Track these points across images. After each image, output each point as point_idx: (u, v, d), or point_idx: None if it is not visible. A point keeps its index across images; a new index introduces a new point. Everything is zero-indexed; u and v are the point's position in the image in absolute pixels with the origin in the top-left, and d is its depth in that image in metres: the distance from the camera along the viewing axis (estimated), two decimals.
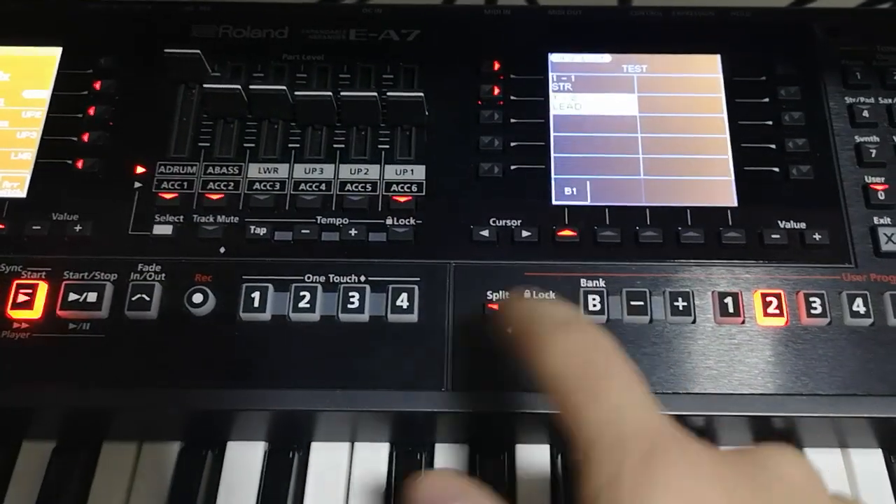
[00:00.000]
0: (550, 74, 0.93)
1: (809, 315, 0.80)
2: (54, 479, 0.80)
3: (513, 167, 0.88)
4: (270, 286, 0.81)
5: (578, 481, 0.51)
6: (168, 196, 0.85)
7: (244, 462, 0.82)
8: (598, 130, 0.90)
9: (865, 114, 0.89)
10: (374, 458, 0.82)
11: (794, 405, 0.78)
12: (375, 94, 0.87)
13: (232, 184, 0.86)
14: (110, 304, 0.81)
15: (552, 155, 0.89)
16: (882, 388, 0.78)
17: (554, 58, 0.94)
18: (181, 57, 0.89)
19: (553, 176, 0.87)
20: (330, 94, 0.87)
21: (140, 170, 0.87)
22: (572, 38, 0.95)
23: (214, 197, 0.85)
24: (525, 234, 0.84)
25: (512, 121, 0.90)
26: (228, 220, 0.85)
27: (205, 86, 0.88)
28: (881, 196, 0.85)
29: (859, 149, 0.88)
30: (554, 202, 0.86)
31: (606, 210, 0.86)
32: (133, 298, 0.80)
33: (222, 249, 0.83)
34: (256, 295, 0.80)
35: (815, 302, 0.80)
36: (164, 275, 0.82)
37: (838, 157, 0.88)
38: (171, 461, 0.82)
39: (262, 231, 0.84)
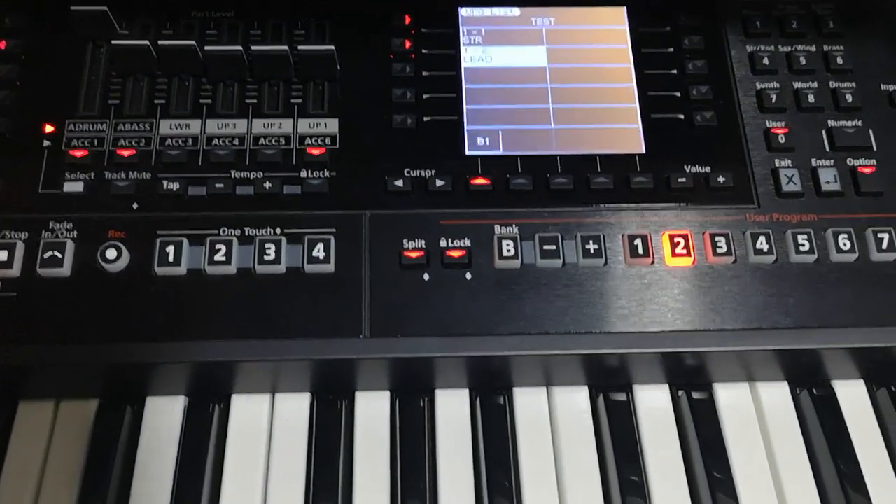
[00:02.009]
0: (461, 28, 0.94)
1: (715, 254, 0.82)
2: None
3: (425, 119, 0.89)
4: (185, 240, 0.81)
5: None
6: (78, 154, 0.84)
7: (164, 417, 0.81)
8: (508, 82, 0.92)
9: (766, 61, 0.92)
10: (296, 408, 0.82)
11: (703, 341, 0.80)
12: (286, 47, 0.87)
13: (143, 140, 0.86)
14: (22, 262, 0.80)
15: (464, 106, 0.90)
16: (786, 321, 0.81)
17: (464, 12, 0.95)
18: (88, 14, 0.88)
19: (466, 127, 0.89)
20: (240, 48, 0.87)
21: (49, 128, 0.86)
22: None
23: (126, 153, 0.85)
24: (439, 183, 0.85)
25: (424, 74, 0.91)
26: (141, 177, 0.84)
27: (112, 42, 0.87)
28: (781, 140, 0.88)
29: (760, 95, 0.91)
30: (467, 152, 0.87)
31: (518, 159, 0.87)
32: (45, 256, 0.79)
33: (135, 205, 0.83)
34: (171, 249, 0.80)
35: (720, 241, 0.83)
36: (76, 232, 0.81)
37: (740, 103, 0.91)
38: (90, 419, 0.81)
39: (175, 186, 0.84)
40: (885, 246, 0.82)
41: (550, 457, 0.80)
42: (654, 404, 0.83)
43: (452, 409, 0.83)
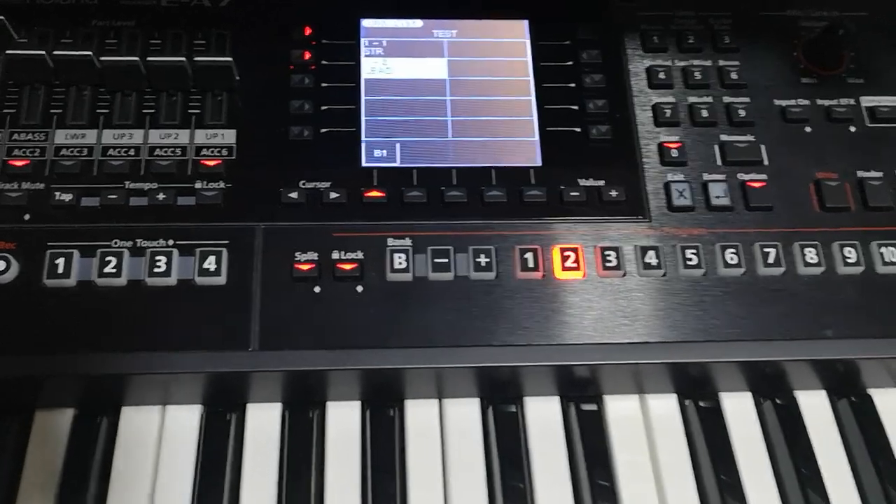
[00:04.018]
0: (362, 39, 0.95)
1: (605, 268, 0.83)
2: None
3: (323, 130, 0.89)
4: (76, 252, 0.81)
5: None
6: None
7: (51, 429, 0.81)
8: (408, 94, 0.92)
9: (662, 75, 0.93)
10: (186, 419, 0.82)
11: (591, 354, 0.81)
12: (183, 59, 0.87)
13: (38, 150, 0.86)
14: None
15: (363, 118, 0.90)
16: (674, 335, 0.82)
17: (366, 23, 0.96)
18: None
19: (363, 139, 0.89)
20: (137, 59, 0.87)
21: None
22: (384, 4, 0.97)
23: (19, 164, 0.84)
24: (333, 195, 0.85)
25: (323, 85, 0.91)
26: (33, 187, 0.84)
27: (7, 52, 0.87)
28: (674, 154, 0.89)
29: (656, 109, 0.92)
30: (364, 164, 0.88)
31: (414, 171, 0.88)
32: None
33: (27, 216, 0.83)
34: (61, 261, 0.80)
35: (610, 255, 0.84)
36: None
37: (636, 117, 0.92)
38: None
39: (67, 197, 0.83)
40: (771, 260, 0.84)
41: (439, 467, 0.81)
42: (543, 416, 0.84)
43: (343, 421, 0.83)
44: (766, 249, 0.84)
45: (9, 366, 0.78)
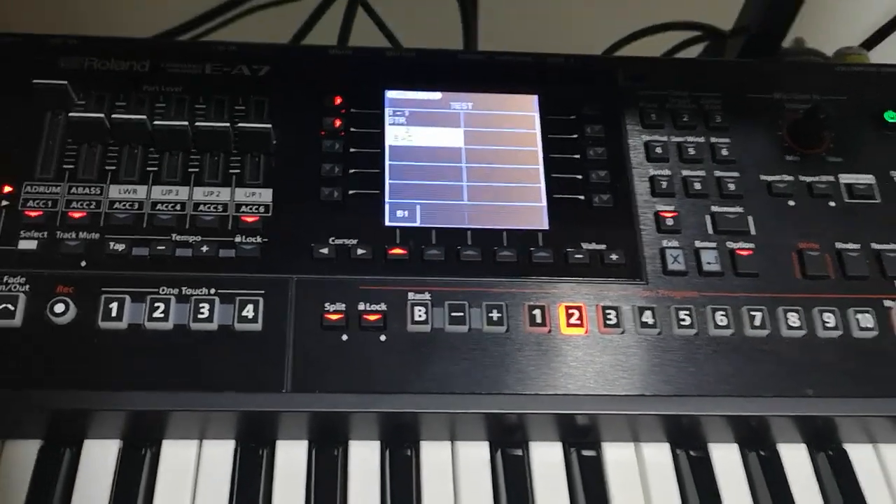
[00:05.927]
0: (386, 109, 1.04)
1: (606, 325, 0.92)
2: None
3: (351, 192, 0.98)
4: (128, 297, 0.89)
5: None
6: (33, 214, 0.92)
7: (100, 459, 0.89)
8: (428, 160, 1.01)
9: (659, 150, 1.02)
10: (221, 454, 0.90)
11: (592, 404, 0.89)
12: (228, 124, 0.96)
13: (94, 203, 0.94)
14: None
15: (387, 181, 0.99)
16: (668, 388, 0.90)
17: (390, 94, 1.05)
18: (50, 87, 0.97)
19: (387, 200, 0.98)
20: (186, 123, 0.96)
21: (7, 189, 0.94)
22: (406, 77, 1.06)
23: (77, 215, 0.93)
24: (360, 251, 0.94)
25: (351, 150, 1.00)
26: (90, 237, 0.92)
27: (70, 114, 0.96)
28: (669, 222, 0.98)
29: (653, 181, 1.01)
30: (387, 223, 0.96)
31: (433, 231, 0.96)
32: None
33: (83, 263, 0.91)
34: (114, 305, 0.88)
35: (610, 314, 0.92)
36: (28, 286, 0.89)
37: (635, 187, 1.00)
38: (32, 459, 0.89)
39: (120, 247, 0.91)
40: (757, 323, 0.92)
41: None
42: (547, 460, 0.92)
43: (365, 459, 0.90)
44: (753, 313, 0.93)
45: (64, 399, 0.86)
